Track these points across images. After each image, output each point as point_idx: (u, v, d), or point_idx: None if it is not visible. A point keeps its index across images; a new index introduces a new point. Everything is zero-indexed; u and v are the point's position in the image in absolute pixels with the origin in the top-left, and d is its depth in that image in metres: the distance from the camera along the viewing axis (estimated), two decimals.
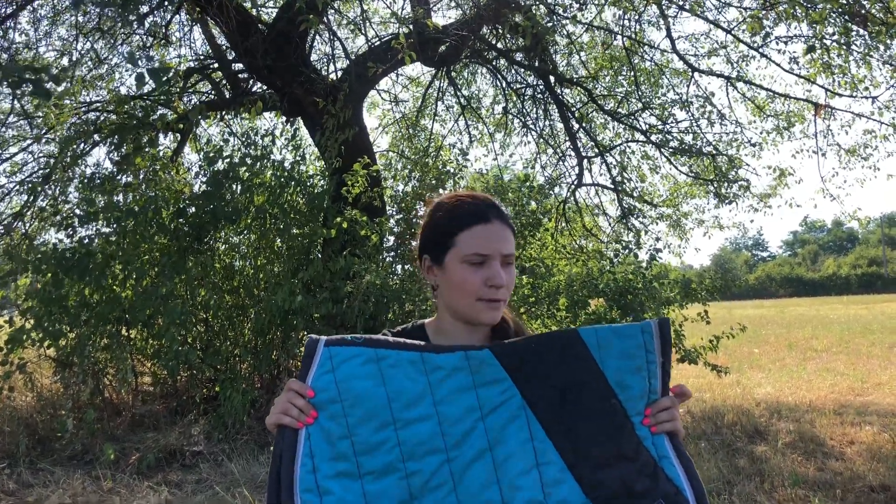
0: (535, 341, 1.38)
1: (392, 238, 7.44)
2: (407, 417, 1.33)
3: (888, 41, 6.82)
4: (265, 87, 8.50)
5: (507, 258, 1.50)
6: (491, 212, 1.51)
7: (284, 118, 8.56)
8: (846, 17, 6.57)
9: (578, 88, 9.99)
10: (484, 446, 1.31)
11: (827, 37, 7.36)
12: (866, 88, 7.75)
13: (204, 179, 7.07)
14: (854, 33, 6.99)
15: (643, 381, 1.34)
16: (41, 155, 9.15)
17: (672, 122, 10.12)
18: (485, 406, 1.34)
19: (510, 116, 11.33)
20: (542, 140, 10.90)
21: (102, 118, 8.32)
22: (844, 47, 7.39)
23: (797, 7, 6.54)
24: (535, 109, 10.66)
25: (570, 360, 1.35)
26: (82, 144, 8.28)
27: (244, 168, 7.01)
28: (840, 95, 8.14)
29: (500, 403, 1.34)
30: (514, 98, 10.73)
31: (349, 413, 1.32)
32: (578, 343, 1.36)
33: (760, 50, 8.32)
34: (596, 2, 8.61)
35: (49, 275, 6.34)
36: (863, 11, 6.35)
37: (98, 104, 8.81)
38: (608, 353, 1.35)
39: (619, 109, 10.32)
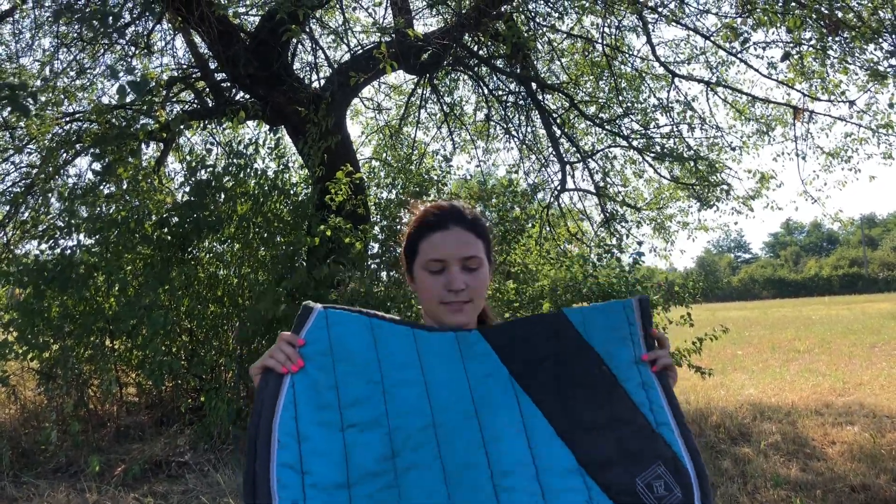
0: (521, 324, 1.43)
1: (376, 245, 7.45)
2: (395, 378, 1.36)
3: (863, 46, 6.91)
4: (248, 96, 8.51)
5: (468, 262, 1.52)
6: (451, 219, 1.54)
7: (267, 127, 8.56)
8: (821, 23, 6.66)
9: (560, 94, 10.05)
10: (470, 412, 1.33)
11: (804, 42, 7.46)
12: (843, 93, 7.86)
13: (187, 189, 7.05)
14: (830, 39, 7.09)
15: (629, 349, 1.39)
16: (23, 165, 9.09)
17: (653, 127, 10.20)
18: (472, 378, 1.37)
19: (493, 123, 11.38)
20: (524, 146, 10.94)
21: (84, 128, 8.29)
22: (821, 53, 7.49)
23: (772, 15, 6.63)
24: (517, 116, 10.71)
25: (557, 337, 1.40)
26: (64, 154, 8.24)
27: (227, 177, 7.01)
28: (818, 100, 8.24)
29: (487, 375, 1.38)
30: (497, 105, 10.78)
31: (338, 367, 1.35)
32: (564, 323, 1.41)
33: (739, 55, 8.41)
34: (576, 9, 8.68)
35: (30, 287, 6.31)
36: (834, 19, 6.44)
37: (80, 114, 8.77)
38: (594, 328, 1.40)
39: (601, 115, 10.39)
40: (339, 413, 1.31)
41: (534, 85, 9.55)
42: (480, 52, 9.39)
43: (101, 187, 6.95)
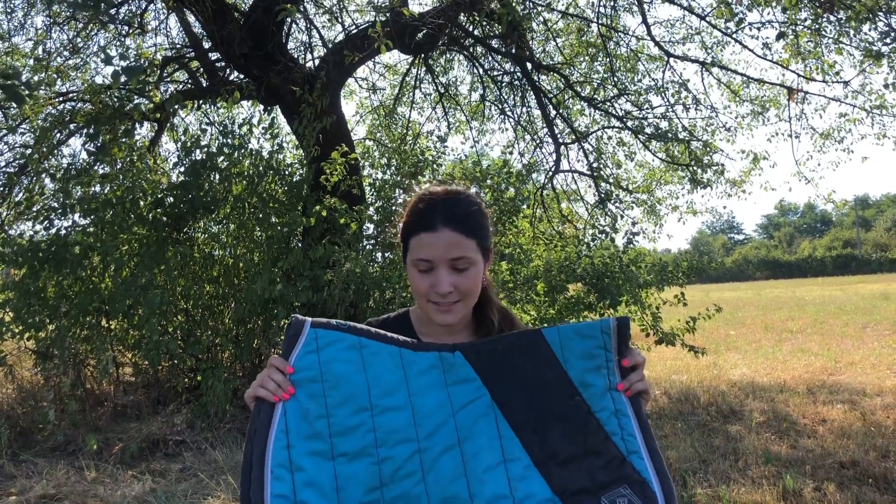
0: (502, 343, 1.44)
1: (371, 226, 7.47)
2: (383, 405, 1.37)
3: (858, 27, 6.91)
4: (242, 76, 8.47)
5: (456, 262, 1.48)
6: (440, 218, 1.47)
7: (262, 107, 8.53)
8: (817, 2, 6.66)
9: (555, 75, 10.04)
10: (454, 441, 1.36)
11: (799, 22, 7.46)
12: (837, 73, 7.87)
13: (182, 169, 7.04)
14: (824, 19, 7.09)
15: (604, 378, 1.41)
16: (16, 145, 9.06)
17: (647, 108, 10.20)
18: (455, 403, 1.39)
19: (487, 103, 11.36)
20: (519, 127, 10.93)
21: (78, 108, 8.25)
22: (816, 33, 7.49)
23: None
24: (512, 96, 10.69)
25: (535, 361, 1.42)
26: (58, 135, 8.21)
27: (222, 157, 7.00)
28: (813, 80, 8.25)
29: (470, 401, 1.39)
30: (492, 85, 10.75)
31: (329, 394, 1.36)
32: (542, 344, 1.42)
33: (734, 36, 8.41)
34: None
35: (25, 267, 6.31)
36: None
37: (74, 94, 8.73)
38: (571, 353, 1.42)
39: (596, 96, 10.38)
40: (330, 442, 1.34)
41: (529, 65, 9.53)
42: (476, 32, 9.36)
43: (96, 167, 6.93)
